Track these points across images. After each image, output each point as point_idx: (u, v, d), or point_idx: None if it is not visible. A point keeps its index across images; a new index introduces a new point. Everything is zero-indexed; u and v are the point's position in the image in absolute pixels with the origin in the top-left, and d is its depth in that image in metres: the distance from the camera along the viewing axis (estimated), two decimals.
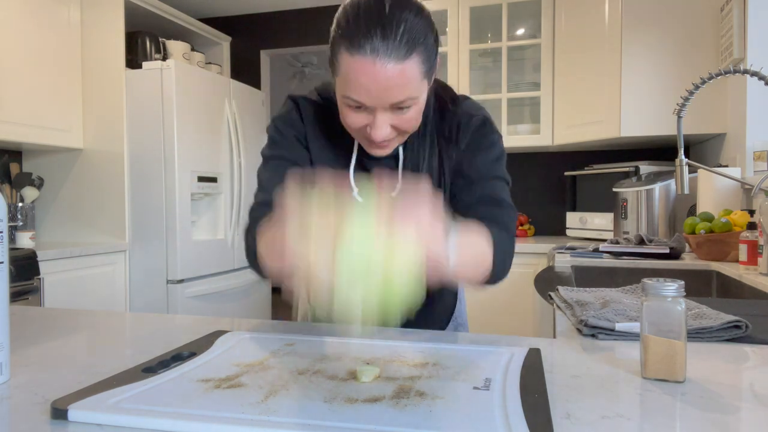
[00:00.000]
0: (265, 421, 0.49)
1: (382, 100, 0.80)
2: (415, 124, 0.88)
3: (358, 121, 0.85)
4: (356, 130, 0.87)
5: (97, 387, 0.57)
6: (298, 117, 1.00)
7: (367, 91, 0.79)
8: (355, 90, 0.80)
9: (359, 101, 0.81)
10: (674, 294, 0.61)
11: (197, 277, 3.08)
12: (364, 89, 0.79)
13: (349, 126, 0.87)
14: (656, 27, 2.60)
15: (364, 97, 0.80)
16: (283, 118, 1.01)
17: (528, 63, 3.35)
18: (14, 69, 2.60)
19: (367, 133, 0.86)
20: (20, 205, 2.84)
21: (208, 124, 3.19)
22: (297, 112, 1.00)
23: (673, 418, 0.52)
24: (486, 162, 0.96)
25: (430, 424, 0.49)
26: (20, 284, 2.31)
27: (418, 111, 0.86)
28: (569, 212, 3.05)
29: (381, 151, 0.90)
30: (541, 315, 2.49)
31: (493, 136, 0.98)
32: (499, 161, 0.98)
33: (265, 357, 0.69)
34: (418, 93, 0.83)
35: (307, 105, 1.00)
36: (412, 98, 0.82)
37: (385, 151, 0.90)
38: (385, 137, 0.84)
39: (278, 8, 4.07)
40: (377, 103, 0.81)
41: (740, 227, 1.87)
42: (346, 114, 0.85)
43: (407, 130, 0.87)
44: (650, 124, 2.63)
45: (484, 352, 0.72)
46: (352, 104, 0.83)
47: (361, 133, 0.88)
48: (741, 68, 1.56)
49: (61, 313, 1.03)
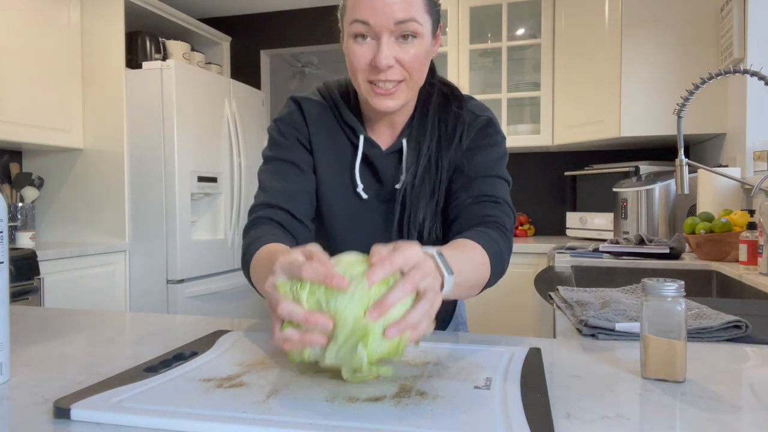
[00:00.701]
0: (266, 420, 0.49)
1: (387, 16, 0.83)
2: (419, 69, 0.89)
3: (364, 54, 0.86)
4: (363, 67, 0.87)
5: (100, 386, 0.57)
6: (301, 118, 1.00)
7: (372, 6, 0.83)
8: (361, 9, 0.84)
9: (365, 19, 0.83)
10: (674, 294, 0.61)
11: (197, 277, 3.08)
12: (370, 6, 0.83)
13: (356, 66, 0.87)
14: (656, 27, 2.60)
15: (369, 14, 0.83)
16: (285, 119, 1.01)
17: (528, 63, 3.35)
18: (14, 69, 2.60)
19: (373, 72, 0.86)
20: (20, 205, 2.84)
21: (208, 124, 3.19)
22: (299, 113, 1.00)
23: (673, 418, 0.52)
24: (487, 161, 0.97)
25: (431, 423, 0.49)
26: (20, 284, 2.31)
27: (423, 53, 0.88)
28: (569, 212, 3.05)
29: (388, 100, 0.89)
30: (541, 315, 2.49)
31: (496, 137, 0.99)
32: (501, 161, 0.99)
33: (266, 356, 0.69)
34: (422, 22, 0.86)
35: (309, 105, 1.01)
36: (416, 22, 0.84)
37: (392, 101, 0.89)
38: (390, 64, 0.85)
39: (278, 8, 4.07)
40: (382, 18, 0.83)
41: (740, 227, 1.88)
42: (353, 51, 0.87)
43: (412, 71, 0.87)
44: (650, 124, 2.63)
45: (484, 351, 0.72)
46: (358, 30, 0.85)
47: (367, 75, 0.88)
48: (741, 68, 1.56)
49: (61, 313, 1.03)
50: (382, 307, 0.54)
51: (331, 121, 1.00)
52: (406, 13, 0.83)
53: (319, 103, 1.01)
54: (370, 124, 1.00)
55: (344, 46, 0.90)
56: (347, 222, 1.02)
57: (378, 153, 0.99)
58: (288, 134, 0.99)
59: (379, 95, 0.88)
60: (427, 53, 0.89)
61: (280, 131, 1.00)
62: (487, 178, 0.96)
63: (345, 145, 1.00)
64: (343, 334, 0.55)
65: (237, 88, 3.46)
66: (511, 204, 0.97)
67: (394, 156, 0.99)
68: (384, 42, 0.84)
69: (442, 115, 0.99)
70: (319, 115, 1.00)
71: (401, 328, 0.55)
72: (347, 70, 0.92)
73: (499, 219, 0.92)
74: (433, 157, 0.97)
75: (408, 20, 0.84)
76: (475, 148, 0.98)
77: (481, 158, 0.97)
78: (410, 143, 0.98)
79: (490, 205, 0.94)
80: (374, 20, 0.83)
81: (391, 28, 0.84)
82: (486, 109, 1.02)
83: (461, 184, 0.96)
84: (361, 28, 0.85)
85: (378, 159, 0.99)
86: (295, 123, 1.00)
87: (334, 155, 1.00)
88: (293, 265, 0.58)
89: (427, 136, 0.97)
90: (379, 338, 0.55)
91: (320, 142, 1.00)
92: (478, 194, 0.94)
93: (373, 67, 0.86)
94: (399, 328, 0.55)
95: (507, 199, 0.96)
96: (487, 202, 0.94)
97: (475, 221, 0.92)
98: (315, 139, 1.00)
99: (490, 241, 0.86)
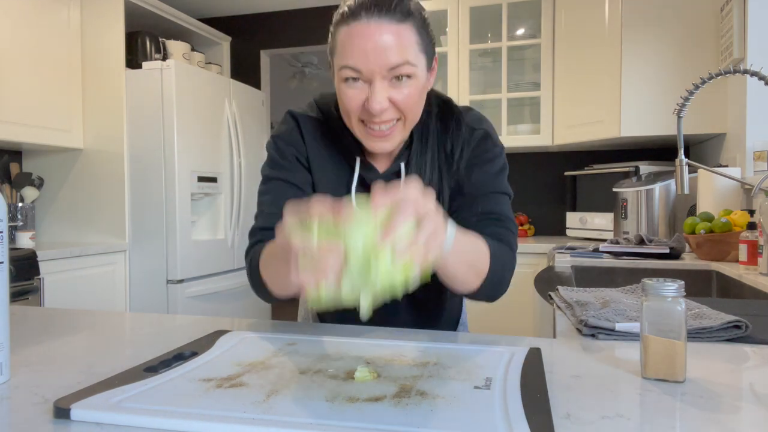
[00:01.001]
0: (266, 420, 0.49)
1: (379, 63, 0.80)
2: (414, 108, 0.87)
3: (356, 96, 0.83)
4: (355, 110, 0.85)
5: (100, 386, 0.57)
6: (299, 135, 0.99)
7: (364, 52, 0.80)
8: (351, 55, 0.81)
9: (356, 67, 0.81)
10: (674, 294, 0.61)
11: (197, 277, 3.08)
12: (361, 51, 0.80)
13: (349, 109, 0.85)
14: (656, 27, 2.60)
15: (361, 61, 0.80)
16: (284, 137, 0.99)
17: (528, 63, 3.35)
18: (14, 69, 2.60)
19: (366, 114, 0.84)
20: (20, 205, 2.84)
21: (208, 124, 3.19)
22: (297, 131, 0.99)
23: (673, 418, 0.52)
24: (487, 177, 0.96)
25: (432, 423, 0.49)
26: (20, 284, 2.31)
27: (417, 92, 0.85)
28: (569, 212, 3.05)
29: (383, 142, 0.87)
30: (541, 315, 2.49)
31: (494, 150, 0.98)
32: (501, 175, 0.97)
33: (266, 356, 0.69)
34: (416, 63, 0.83)
35: (307, 122, 0.99)
36: (409, 64, 0.82)
37: (386, 143, 0.87)
38: (384, 107, 0.82)
39: (278, 8, 4.08)
40: (374, 65, 0.80)
41: (740, 227, 1.88)
42: (344, 93, 0.84)
43: (406, 111, 0.85)
44: (650, 124, 2.63)
45: (484, 351, 0.72)
46: (349, 75, 0.82)
47: (360, 115, 0.86)
48: (741, 68, 1.56)
49: (61, 313, 1.03)
50: (389, 228, 0.56)
51: (329, 139, 0.99)
52: (398, 57, 0.81)
53: (317, 119, 0.99)
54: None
55: (336, 85, 0.88)
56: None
57: (375, 176, 0.97)
58: (287, 153, 0.98)
59: (374, 137, 0.87)
60: (421, 91, 0.87)
61: (279, 149, 0.99)
62: (488, 195, 0.95)
63: (342, 165, 0.99)
64: (354, 259, 0.56)
65: (237, 88, 3.46)
66: (513, 219, 0.96)
67: (391, 177, 0.97)
68: (377, 86, 0.82)
69: (440, 142, 0.97)
70: (317, 133, 0.99)
71: (410, 247, 0.56)
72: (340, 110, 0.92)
73: (504, 238, 0.92)
74: (435, 187, 0.95)
75: (401, 64, 0.81)
76: (475, 165, 0.96)
77: (481, 175, 0.96)
78: (409, 173, 0.96)
79: (494, 223, 0.93)
80: (366, 68, 0.81)
81: (384, 73, 0.81)
82: (483, 121, 1.00)
83: (463, 202, 0.95)
84: (351, 73, 0.82)
85: (374, 182, 0.97)
86: (293, 140, 0.99)
87: (331, 174, 0.99)
88: (301, 207, 0.60)
89: (428, 169, 0.95)
90: (389, 261, 0.56)
91: (318, 160, 0.99)
92: (481, 213, 0.93)
93: (365, 109, 0.84)
94: (408, 247, 0.56)
95: (509, 215, 0.95)
96: (490, 220, 0.93)
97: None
98: (313, 157, 0.99)
99: (493, 243, 0.87)
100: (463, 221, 0.93)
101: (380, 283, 0.56)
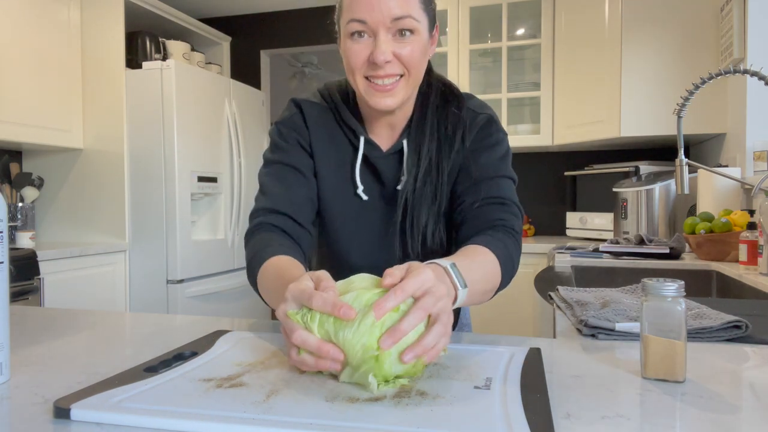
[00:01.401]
0: (266, 420, 0.49)
1: (384, 12, 0.83)
2: (418, 66, 0.88)
3: (361, 51, 0.86)
4: (360, 65, 0.87)
5: (100, 386, 0.57)
6: (302, 121, 1.00)
7: (369, 4, 0.83)
8: (358, 7, 0.84)
9: (362, 18, 0.84)
10: (674, 294, 0.61)
11: (197, 277, 3.08)
12: (367, 3, 0.83)
13: (354, 64, 0.87)
14: (656, 27, 2.60)
15: (366, 12, 0.83)
16: (286, 122, 1.00)
17: (528, 63, 3.35)
18: (14, 69, 2.60)
19: (371, 69, 0.86)
20: (20, 205, 2.84)
21: (208, 124, 3.19)
22: (300, 116, 1.00)
23: (673, 418, 0.52)
24: (491, 160, 0.96)
25: (431, 423, 0.49)
26: (20, 284, 2.31)
27: (420, 49, 0.87)
28: (569, 212, 3.05)
29: (387, 98, 0.88)
30: (541, 315, 2.49)
31: (498, 135, 0.98)
32: (505, 159, 0.98)
33: (266, 356, 0.69)
34: (419, 19, 0.86)
35: (310, 108, 1.00)
36: (412, 18, 0.85)
37: (391, 98, 0.88)
38: (387, 59, 0.85)
39: (278, 8, 4.08)
40: (378, 14, 0.83)
41: (740, 227, 1.88)
42: (350, 49, 0.87)
43: (409, 66, 0.87)
44: (650, 124, 2.63)
45: (484, 351, 0.72)
46: (355, 29, 0.85)
47: (364, 71, 0.87)
48: (741, 68, 1.56)
49: (61, 313, 1.03)
50: (396, 335, 0.56)
51: (332, 123, 1.00)
52: (402, 10, 0.84)
53: (319, 105, 1.01)
54: (370, 125, 0.99)
55: (341, 46, 0.90)
56: (348, 224, 1.02)
57: (379, 154, 0.98)
58: (289, 137, 0.99)
59: (378, 92, 0.88)
60: (424, 50, 0.89)
61: (282, 134, 1.00)
62: (492, 179, 0.95)
63: (345, 146, 1.00)
64: (355, 362, 0.57)
65: (237, 88, 3.46)
66: (518, 202, 0.96)
67: (395, 157, 0.98)
68: (381, 38, 0.84)
69: (441, 117, 0.98)
70: (320, 118, 1.00)
71: (417, 352, 0.56)
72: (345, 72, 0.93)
73: (507, 222, 0.92)
74: (433, 159, 0.96)
75: (404, 17, 0.84)
76: (479, 149, 0.97)
77: (484, 159, 0.96)
78: (410, 145, 0.97)
79: (498, 208, 0.93)
80: (371, 17, 0.83)
81: (388, 25, 0.84)
82: (486, 107, 1.01)
83: (466, 187, 0.96)
84: (357, 26, 0.85)
85: (378, 160, 0.99)
86: (296, 126, 1.00)
87: (334, 157, 1.00)
88: (303, 293, 0.59)
89: (426, 139, 0.96)
90: (395, 361, 0.56)
91: (321, 145, 1.00)
92: (485, 197, 0.94)
93: (371, 63, 0.86)
94: (415, 353, 0.56)
95: (514, 198, 0.96)
96: (494, 204, 0.93)
97: (484, 225, 0.92)
98: (315, 142, 1.00)
99: (500, 245, 0.86)
100: (467, 206, 0.95)
101: (377, 387, 0.56)
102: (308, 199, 0.98)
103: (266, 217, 0.94)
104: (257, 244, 0.89)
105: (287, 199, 0.95)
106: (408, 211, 0.96)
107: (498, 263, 0.84)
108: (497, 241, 0.87)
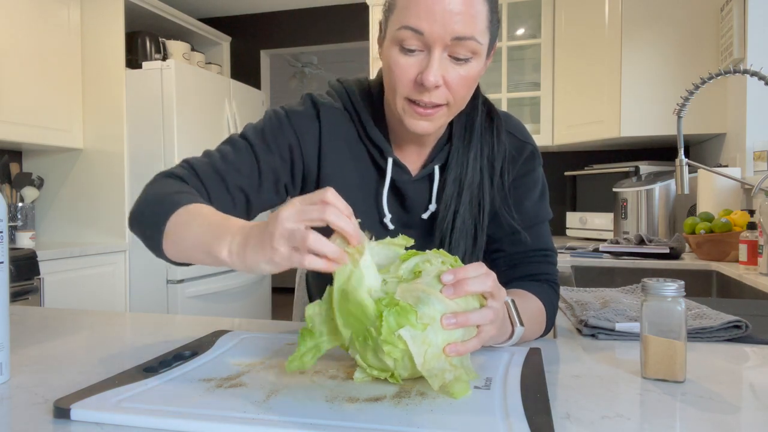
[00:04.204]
0: (266, 420, 0.49)
1: (445, 29, 0.70)
2: (465, 96, 0.78)
3: (409, 67, 0.74)
4: (406, 83, 0.75)
5: (99, 386, 0.57)
6: (316, 130, 0.86)
7: (431, 12, 0.70)
8: (416, 14, 0.71)
9: (419, 27, 0.71)
10: (674, 294, 0.61)
11: (197, 277, 3.08)
12: (428, 10, 0.70)
13: (398, 80, 0.75)
14: (656, 27, 2.60)
15: (425, 22, 0.70)
16: (294, 122, 0.86)
17: (528, 63, 3.35)
18: (14, 69, 2.60)
19: (416, 90, 0.75)
20: (20, 205, 2.84)
21: (208, 124, 3.19)
22: (316, 124, 0.87)
23: (673, 418, 0.52)
24: (533, 203, 0.92)
25: (432, 423, 0.49)
26: (20, 284, 2.31)
27: (474, 77, 0.76)
28: (569, 212, 3.05)
29: (426, 122, 0.77)
30: None
31: (539, 170, 0.94)
32: (544, 197, 0.94)
33: (266, 356, 0.69)
34: (482, 41, 0.74)
35: (330, 115, 0.87)
36: (475, 41, 0.72)
37: (430, 123, 0.77)
38: (439, 82, 0.73)
39: (278, 8, 4.08)
40: (439, 30, 0.71)
41: (740, 227, 1.88)
42: (396, 62, 0.74)
43: (457, 95, 0.76)
44: (650, 124, 2.63)
45: (484, 351, 0.72)
46: (407, 38, 0.72)
47: (408, 92, 0.76)
48: (741, 68, 1.56)
49: (61, 313, 1.03)
50: (461, 321, 0.57)
51: (353, 136, 0.87)
52: (466, 29, 0.71)
53: (340, 112, 0.87)
54: (397, 142, 0.88)
55: (383, 51, 0.78)
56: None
57: (407, 179, 0.87)
58: (281, 138, 0.85)
59: (418, 115, 0.76)
60: (478, 76, 0.77)
61: (280, 126, 0.86)
62: (534, 227, 0.90)
63: (367, 165, 0.87)
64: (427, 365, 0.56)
65: (237, 88, 3.46)
66: (554, 246, 0.93)
67: (423, 181, 0.88)
68: (435, 57, 0.72)
69: (484, 142, 0.87)
70: (340, 128, 0.87)
71: (458, 349, 0.57)
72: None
73: (551, 276, 0.90)
74: (475, 192, 0.86)
75: (466, 38, 0.72)
76: (521, 187, 0.90)
77: (528, 203, 0.91)
78: (449, 173, 0.86)
79: (542, 260, 0.90)
80: (429, 29, 0.71)
81: (447, 42, 0.72)
82: (527, 133, 0.93)
83: (507, 233, 0.89)
84: (411, 38, 0.72)
85: (406, 185, 0.87)
86: (301, 130, 0.86)
87: (354, 177, 0.87)
88: (314, 197, 0.56)
89: (469, 170, 0.86)
90: (438, 328, 0.56)
91: (336, 160, 0.86)
92: (528, 249, 0.89)
93: (417, 84, 0.74)
94: (456, 350, 0.57)
95: (552, 245, 0.92)
96: (538, 257, 0.90)
97: (528, 277, 0.89)
98: (329, 152, 0.86)
99: (548, 300, 0.85)
100: (509, 254, 0.90)
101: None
102: (246, 196, 0.84)
103: (190, 175, 0.81)
104: (170, 186, 0.76)
105: (233, 169, 0.82)
106: (444, 246, 0.86)
107: (545, 317, 0.84)
108: (544, 293, 0.86)
